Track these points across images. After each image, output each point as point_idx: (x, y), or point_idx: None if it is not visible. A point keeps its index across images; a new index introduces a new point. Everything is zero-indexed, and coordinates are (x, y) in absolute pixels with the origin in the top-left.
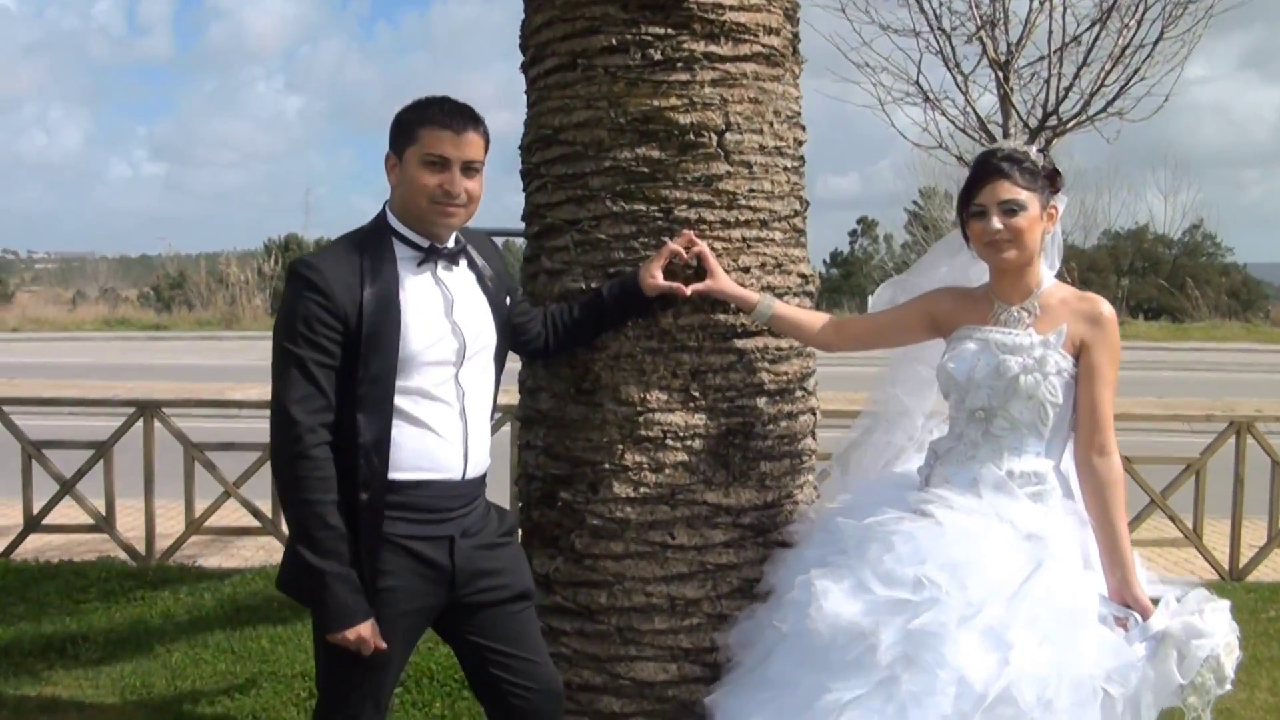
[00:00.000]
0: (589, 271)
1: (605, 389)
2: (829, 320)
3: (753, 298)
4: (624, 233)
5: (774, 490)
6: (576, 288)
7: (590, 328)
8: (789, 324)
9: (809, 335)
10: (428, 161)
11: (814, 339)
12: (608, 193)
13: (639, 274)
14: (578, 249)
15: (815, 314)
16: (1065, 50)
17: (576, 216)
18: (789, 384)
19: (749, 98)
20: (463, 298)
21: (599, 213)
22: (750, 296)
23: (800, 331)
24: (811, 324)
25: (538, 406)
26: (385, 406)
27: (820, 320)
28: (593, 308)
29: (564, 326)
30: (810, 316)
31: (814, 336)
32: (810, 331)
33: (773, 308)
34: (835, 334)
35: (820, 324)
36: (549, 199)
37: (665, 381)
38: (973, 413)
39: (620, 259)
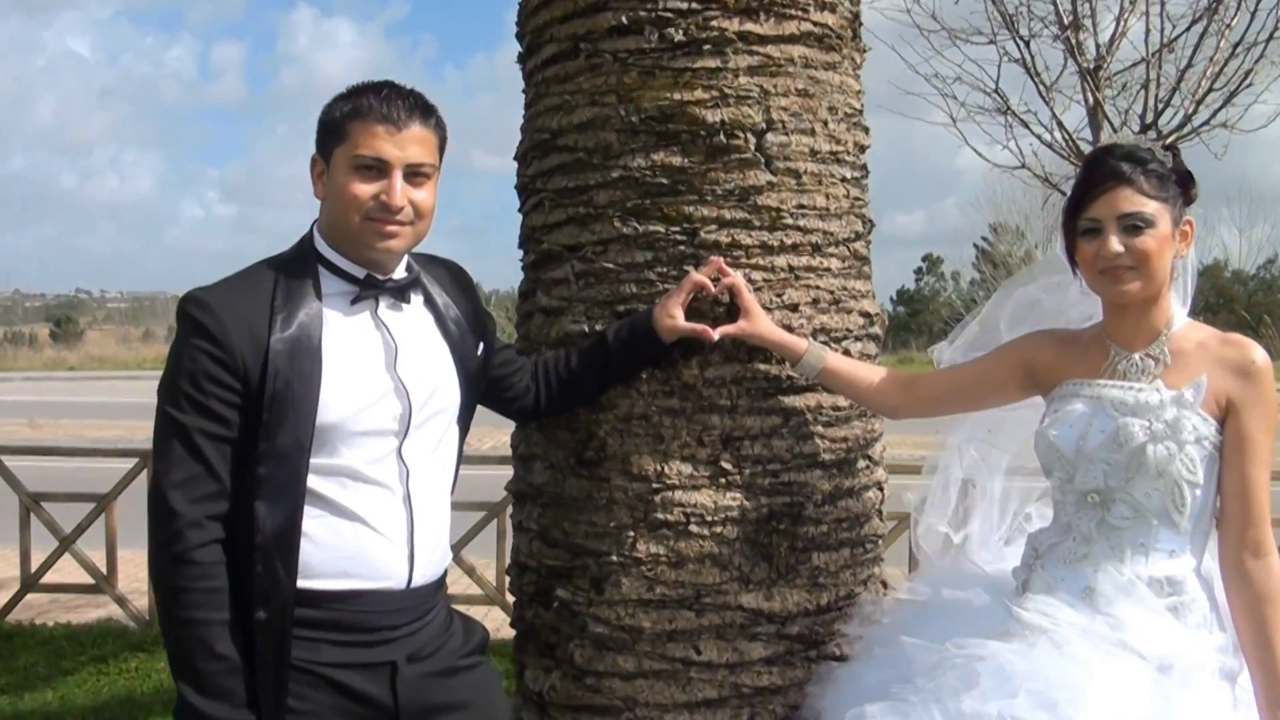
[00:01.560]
0: (593, 310)
1: (613, 459)
2: (893, 376)
3: (799, 345)
4: (637, 261)
5: (829, 590)
6: (577, 330)
7: (593, 381)
8: (844, 380)
9: (868, 395)
10: (360, 165)
11: (875, 399)
12: (617, 210)
13: (655, 313)
14: (579, 281)
15: (876, 369)
16: (1164, 52)
17: (578, 241)
18: (849, 452)
19: (796, 89)
20: (413, 345)
21: (606, 235)
22: (796, 343)
23: (857, 389)
24: (870, 380)
25: (531, 479)
26: (294, 491)
27: (882, 375)
28: (596, 356)
29: (560, 380)
30: (870, 372)
31: (875, 396)
32: (870, 390)
33: (824, 359)
34: (902, 393)
35: (882, 380)
36: (546, 219)
37: (689, 451)
38: (1084, 496)
39: (632, 294)
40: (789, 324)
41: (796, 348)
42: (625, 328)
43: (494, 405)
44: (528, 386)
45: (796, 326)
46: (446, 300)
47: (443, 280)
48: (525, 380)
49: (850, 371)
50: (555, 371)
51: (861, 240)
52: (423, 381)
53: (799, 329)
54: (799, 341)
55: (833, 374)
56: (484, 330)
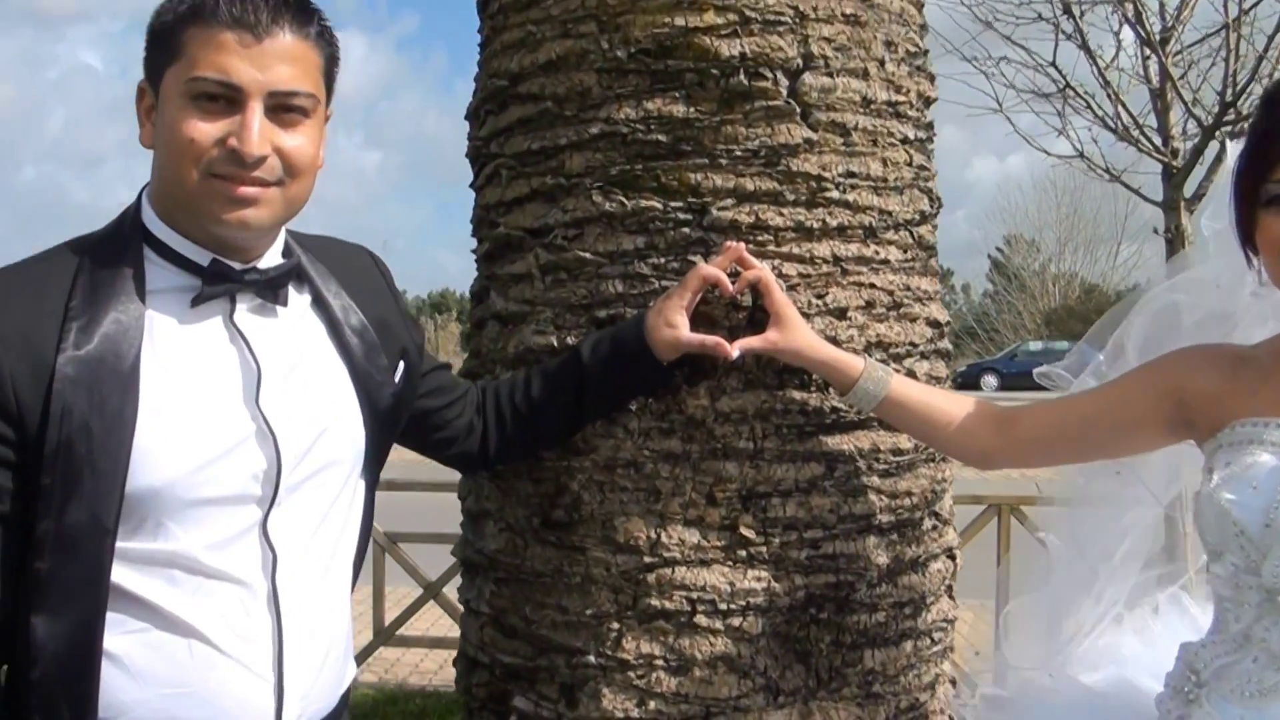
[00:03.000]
0: (564, 316)
1: (590, 522)
2: (984, 410)
3: (852, 365)
4: (624, 248)
5: (887, 701)
6: (543, 344)
7: (563, 415)
8: (915, 414)
9: (948, 435)
10: (199, 93)
11: (958, 441)
12: (597, 180)
13: (649, 321)
14: (546, 278)
15: (958, 398)
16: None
17: (544, 222)
18: (913, 511)
19: (843, 14)
20: (287, 367)
21: (582, 214)
22: (848, 362)
23: (933, 427)
24: (952, 415)
25: (482, 545)
26: (91, 594)
27: (967, 408)
28: (567, 381)
29: (516, 414)
30: (950, 403)
31: (958, 437)
32: (951, 428)
33: (887, 384)
34: (997, 433)
35: (968, 415)
36: (502, 195)
37: (696, 512)
38: (1274, 595)
39: (617, 294)
40: (834, 336)
41: (848, 369)
42: (607, 341)
43: (423, 449)
44: (471, 424)
45: (844, 340)
46: (347, 302)
47: (343, 273)
48: (467, 415)
49: (923, 402)
50: (510, 403)
51: (928, 223)
52: (301, 421)
53: (848, 343)
54: (851, 360)
55: (899, 405)
56: (404, 344)
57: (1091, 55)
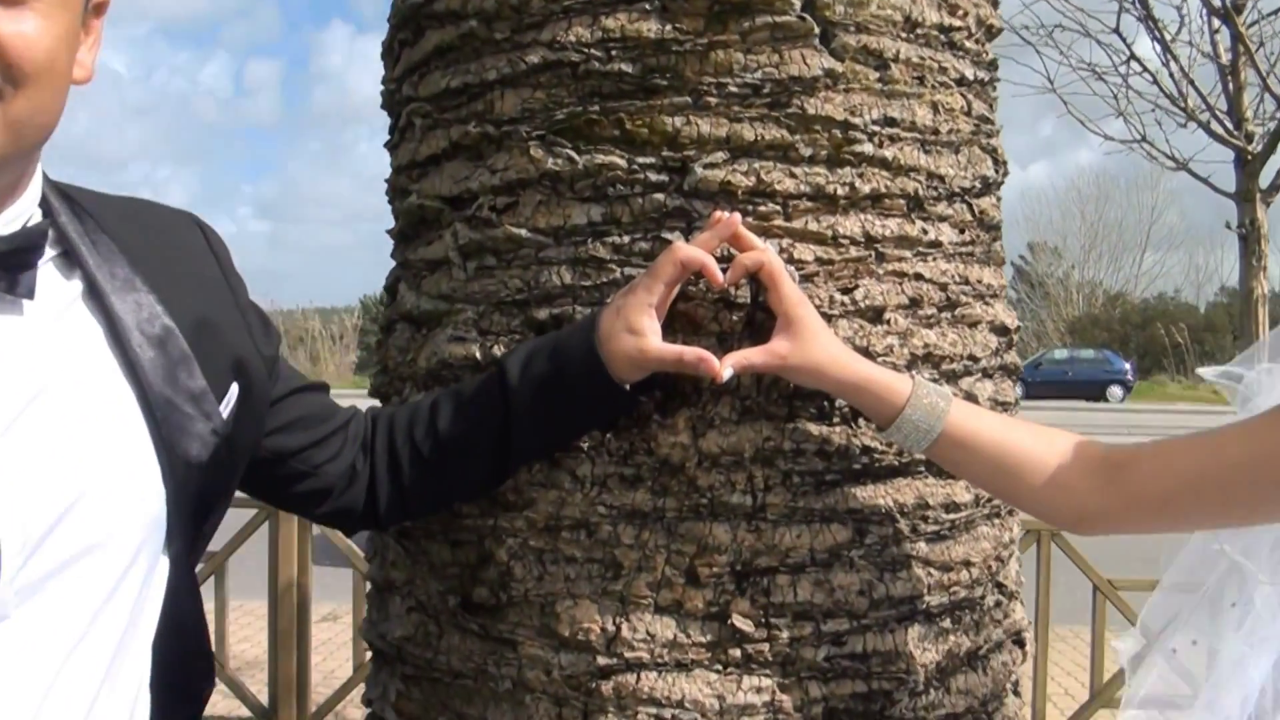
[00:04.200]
0: (490, 316)
1: (523, 605)
2: (1084, 450)
3: (894, 388)
4: (573, 222)
5: None
6: (462, 355)
7: (481, 459)
8: (985, 457)
9: (1032, 487)
10: None
11: (1047, 497)
12: (536, 127)
13: (603, 326)
14: (468, 263)
15: (1044, 431)
16: None
17: (466, 188)
18: (972, 588)
19: None
20: (24, 396)
21: (516, 175)
22: (888, 385)
23: (1010, 476)
24: (1038, 458)
25: (386, 628)
26: None
27: (1059, 448)
28: (488, 410)
29: (416, 456)
30: (1036, 439)
31: (1047, 491)
32: (1036, 477)
33: (945, 415)
34: (1106, 485)
35: (1061, 457)
36: (416, 152)
37: (670, 593)
38: None
39: (563, 286)
40: (866, 346)
41: (889, 393)
42: (545, 355)
43: (282, 503)
44: (352, 470)
45: (880, 352)
46: (144, 296)
47: (143, 251)
48: (346, 457)
49: (997, 440)
50: (409, 440)
51: (991, 194)
52: (39, 486)
53: (884, 356)
54: (894, 381)
55: (963, 444)
56: (239, 356)
57: (1156, 25)
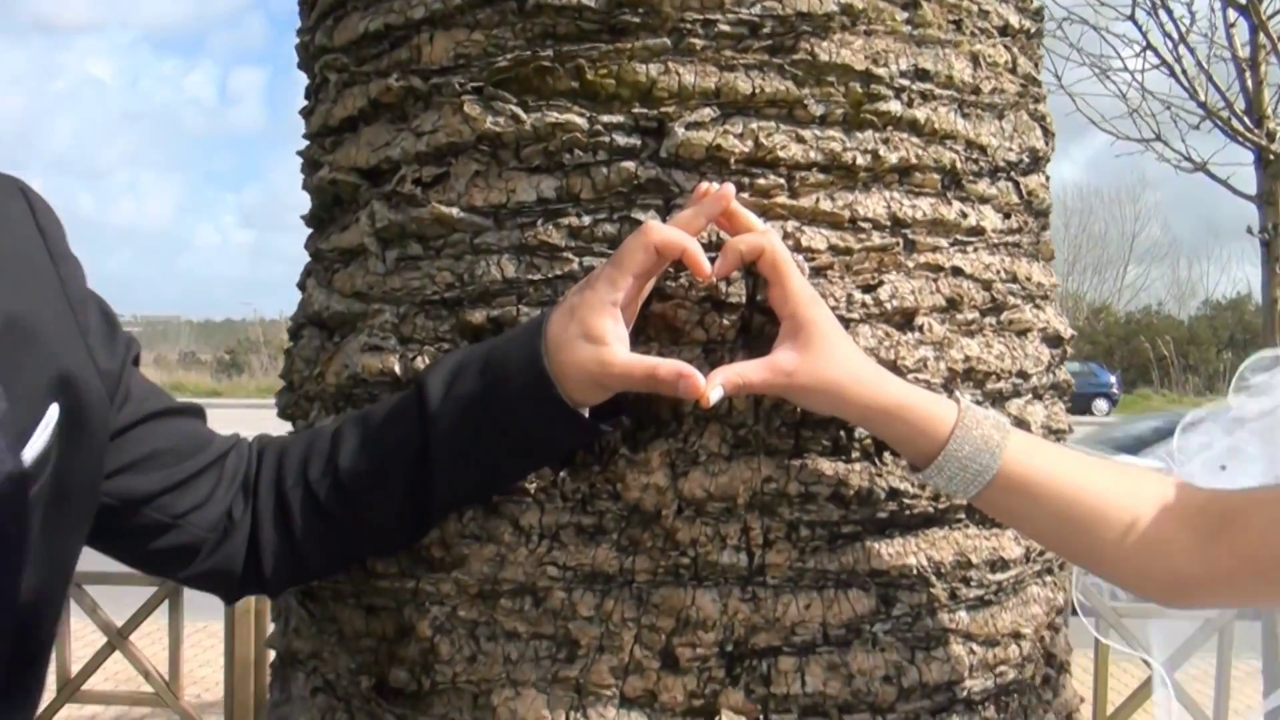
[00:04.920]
0: (413, 319)
1: (452, 692)
2: (1184, 498)
3: (935, 415)
4: (519, 199)
5: None
6: (378, 368)
7: (394, 504)
8: (1054, 505)
9: (1113, 545)
10: None
11: (1132, 559)
12: (473, 78)
13: (552, 333)
14: (387, 251)
15: (1127, 471)
16: None
17: (385, 156)
18: (1022, 667)
19: None
20: None
21: (447, 139)
22: (926, 411)
23: (1084, 531)
24: (1122, 509)
25: (287, 711)
26: None
27: (1148, 495)
28: (403, 442)
29: (310, 502)
30: (1118, 482)
31: (1134, 552)
32: (1119, 533)
33: (1001, 450)
34: (1209, 543)
35: (1151, 509)
36: (329, 115)
37: (642, 680)
38: None
39: (503, 279)
40: (893, 358)
41: (929, 421)
42: (475, 370)
43: (141, 563)
44: (227, 519)
45: (911, 366)
46: None
47: None
48: (220, 502)
49: (1068, 486)
50: (302, 481)
51: (1039, 172)
52: None
53: (916, 372)
54: (933, 406)
55: (1025, 489)
56: (64, 371)
57: (1171, 16)
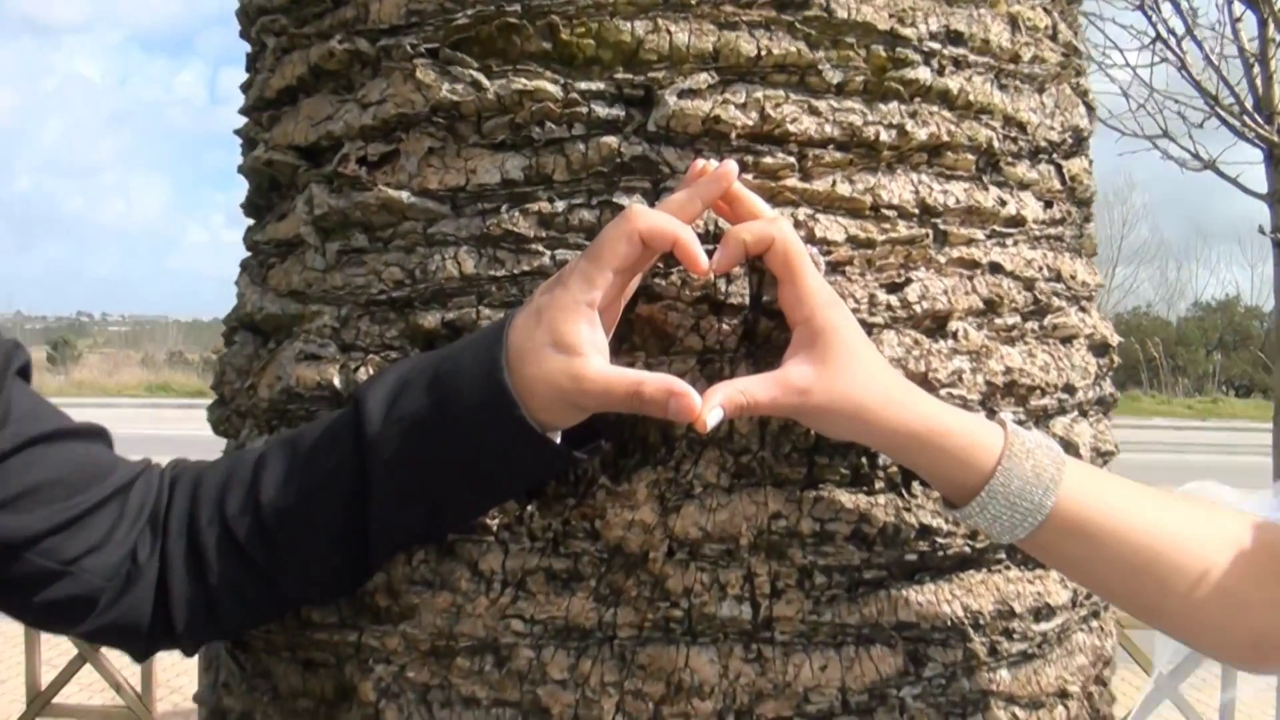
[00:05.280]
0: (356, 323)
1: None
2: (1262, 542)
3: (977, 442)
4: (480, 180)
5: None
6: (314, 381)
7: (326, 542)
8: (1113, 552)
9: (1189, 600)
10: None
11: (1207, 616)
12: (425, 39)
13: (514, 340)
14: (327, 244)
15: (1202, 514)
16: None
17: (326, 131)
18: None
19: None
20: None
21: (397, 110)
22: (966, 438)
23: (1150, 582)
24: (1201, 558)
25: None
26: None
27: (1230, 540)
28: (338, 469)
29: (229, 544)
30: (1190, 523)
31: (1211, 608)
32: (1197, 585)
33: (1056, 484)
34: None
35: (1231, 554)
36: (266, 85)
37: None
38: None
39: (461, 276)
40: (924, 371)
41: (972, 450)
42: (426, 383)
43: (29, 617)
44: (129, 563)
45: (944, 380)
46: None
47: None
48: (121, 545)
49: (1135, 528)
50: (218, 516)
51: (1082, 155)
52: None
53: (950, 387)
54: (977, 431)
55: (1082, 532)
56: None
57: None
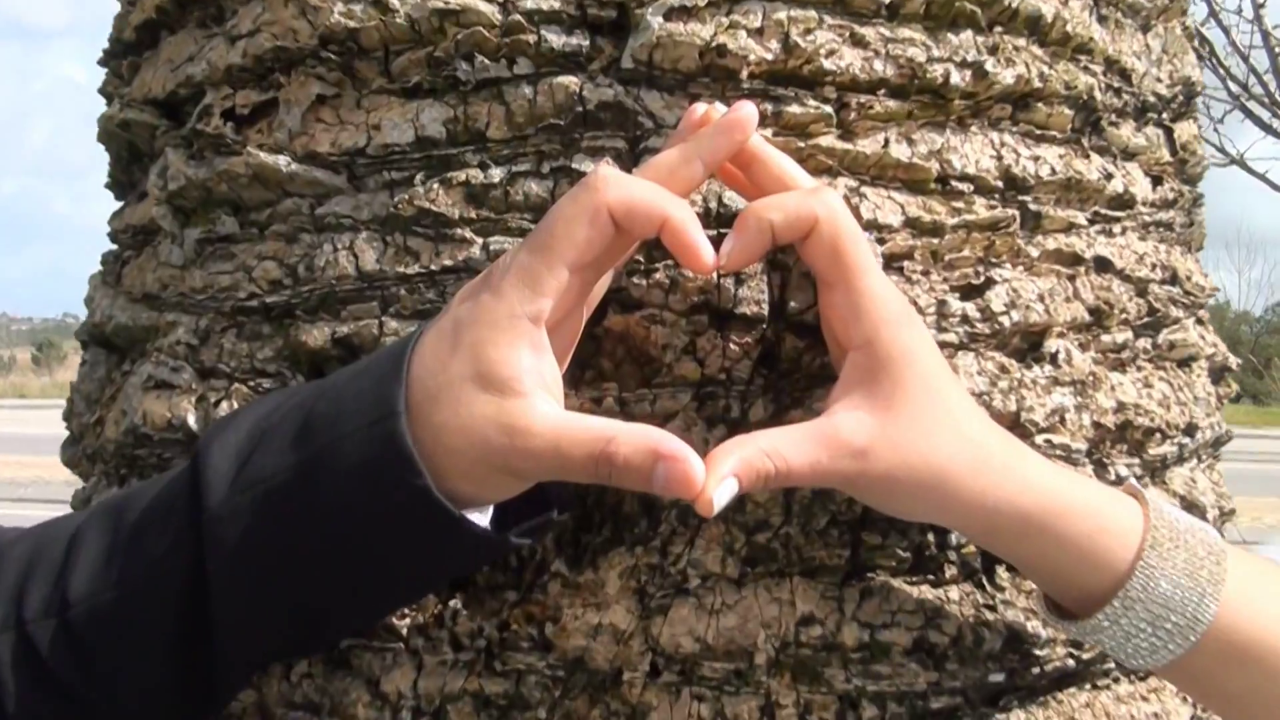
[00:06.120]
0: (220, 336)
1: None
2: None
3: (1110, 527)
4: (384, 140)
5: None
6: (165, 419)
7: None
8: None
9: None
10: None
11: None
12: None
13: (419, 364)
14: (187, 227)
15: None
16: None
17: (187, 77)
18: None
19: None
20: None
21: (269, 47)
22: (1094, 518)
23: None
24: None
25: None
26: None
27: None
28: (170, 550)
29: (25, 646)
30: None
31: None
32: None
33: (1218, 583)
34: None
35: None
36: (125, 24)
37: None
38: None
39: (362, 274)
40: (1015, 413)
41: (1101, 534)
42: (294, 431)
43: None
44: None
45: (1043, 425)
46: None
47: None
48: None
49: None
50: (14, 621)
51: (1189, 117)
52: None
53: (1047, 432)
54: (1107, 508)
55: (1256, 654)
56: None
57: None
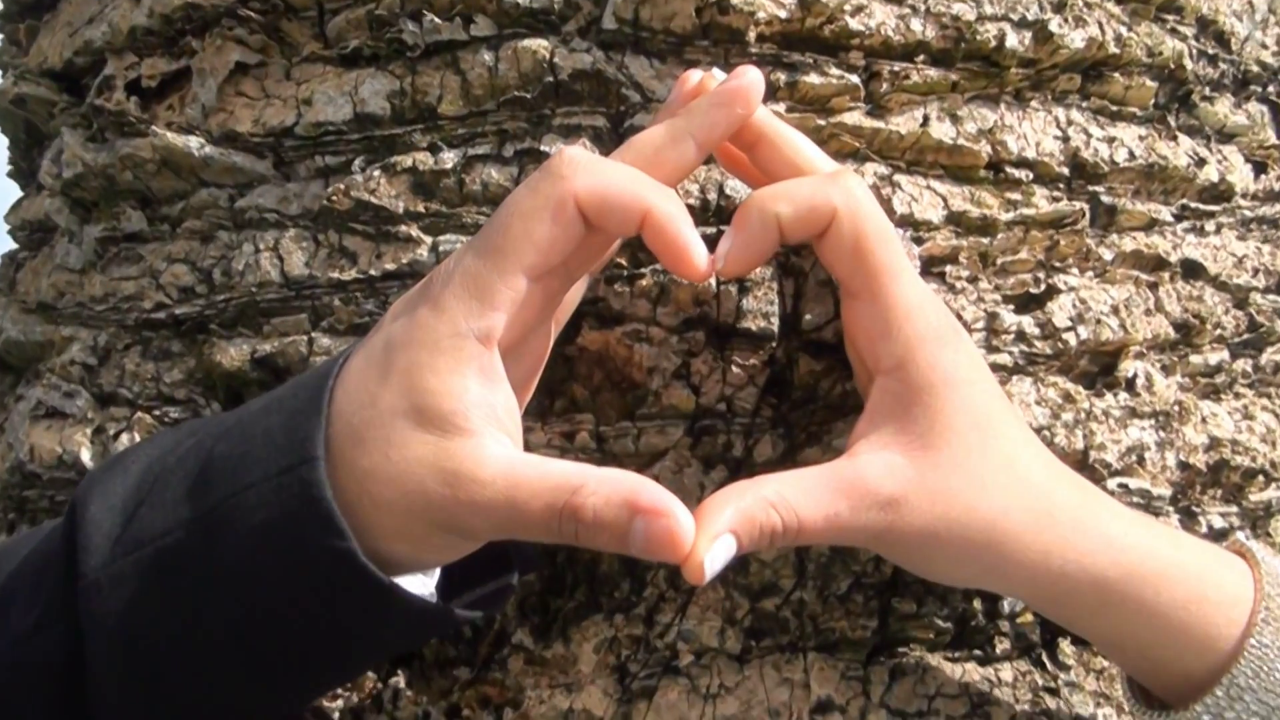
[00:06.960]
0: (122, 356)
1: None
2: None
3: (1213, 597)
4: (315, 118)
5: None
6: (54, 456)
7: None
8: None
9: None
10: None
11: None
12: None
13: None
14: (86, 225)
15: None
16: None
17: (85, 42)
18: None
19: None
20: None
21: (178, 4)
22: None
23: None
24: None
25: None
26: None
27: None
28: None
29: None
30: None
31: None
32: None
33: None
34: None
35: None
36: None
37: None
38: None
39: (288, 281)
40: (1083, 450)
41: (1199, 603)
42: (189, 480)
43: None
44: None
45: (1118, 467)
46: None
47: None
48: None
49: None
50: None
51: None
52: None
53: (1125, 475)
54: (1203, 571)
55: None
56: None
57: None
